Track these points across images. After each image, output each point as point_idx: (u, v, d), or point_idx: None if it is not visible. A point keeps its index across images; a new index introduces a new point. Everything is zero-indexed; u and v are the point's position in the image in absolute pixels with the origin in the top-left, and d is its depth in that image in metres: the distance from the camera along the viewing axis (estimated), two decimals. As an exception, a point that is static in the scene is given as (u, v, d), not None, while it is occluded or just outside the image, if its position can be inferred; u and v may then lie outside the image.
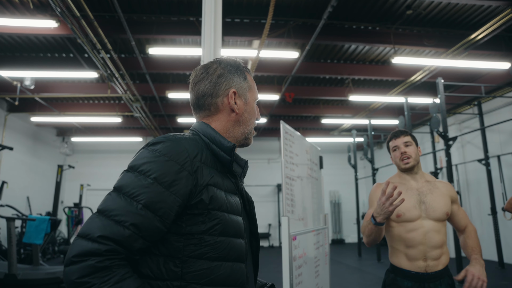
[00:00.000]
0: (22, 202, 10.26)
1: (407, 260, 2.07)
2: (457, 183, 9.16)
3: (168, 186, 0.90)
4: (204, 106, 1.13)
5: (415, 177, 2.20)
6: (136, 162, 0.93)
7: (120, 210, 0.86)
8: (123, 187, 0.89)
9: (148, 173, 0.90)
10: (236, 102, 1.13)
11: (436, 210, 2.07)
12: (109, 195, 0.90)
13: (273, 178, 13.77)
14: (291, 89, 8.79)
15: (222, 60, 1.18)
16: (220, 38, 2.68)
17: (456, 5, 5.77)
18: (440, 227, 2.08)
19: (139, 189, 0.88)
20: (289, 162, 2.66)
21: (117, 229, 0.84)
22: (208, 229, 0.95)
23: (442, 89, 6.34)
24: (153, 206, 0.88)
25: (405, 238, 2.08)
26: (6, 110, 9.68)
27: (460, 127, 9.72)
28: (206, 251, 0.94)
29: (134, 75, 8.24)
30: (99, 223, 0.85)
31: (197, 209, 0.94)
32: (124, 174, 0.93)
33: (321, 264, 3.25)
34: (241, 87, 1.15)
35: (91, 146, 13.13)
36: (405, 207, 2.09)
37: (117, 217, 0.85)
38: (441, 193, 2.12)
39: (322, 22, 5.52)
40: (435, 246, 2.03)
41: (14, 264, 5.14)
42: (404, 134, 2.22)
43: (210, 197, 0.96)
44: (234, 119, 1.14)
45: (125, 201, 0.87)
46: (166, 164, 0.92)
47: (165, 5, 5.80)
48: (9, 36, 6.47)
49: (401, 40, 6.56)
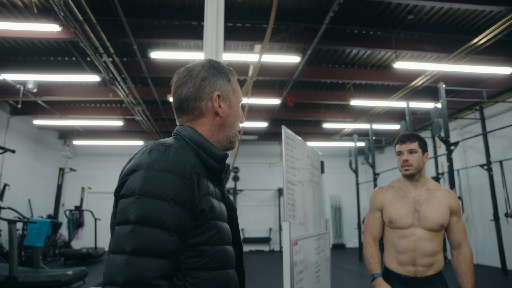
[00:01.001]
0: (24, 205, 10.27)
1: (398, 264, 2.10)
2: (459, 188, 9.13)
3: (184, 204, 0.89)
4: (187, 110, 1.09)
5: (416, 185, 2.19)
6: (146, 187, 0.86)
7: (156, 243, 0.83)
8: (146, 218, 0.84)
9: (164, 195, 0.86)
10: (220, 106, 1.10)
11: (429, 220, 2.06)
12: (133, 232, 0.83)
13: (274, 182, 13.76)
14: (292, 94, 8.80)
15: (206, 62, 1.14)
16: (222, 43, 2.69)
17: (458, 10, 5.78)
18: (433, 236, 2.07)
19: (163, 215, 0.85)
20: (290, 167, 2.66)
21: (163, 263, 0.83)
22: (208, 240, 0.94)
23: (443, 94, 6.34)
24: (180, 229, 0.87)
25: (396, 244, 2.12)
26: (9, 113, 9.72)
27: (462, 132, 9.71)
28: (207, 262, 0.93)
29: (136, 78, 8.27)
30: (143, 265, 0.81)
31: (198, 220, 0.93)
32: (136, 203, 0.85)
33: (322, 270, 3.24)
34: (225, 90, 1.11)
35: (92, 149, 13.15)
36: (397, 214, 2.12)
37: (157, 252, 0.83)
38: (438, 203, 2.10)
39: (323, 26, 5.54)
40: (426, 254, 2.04)
41: (15, 267, 5.15)
42: (411, 140, 2.20)
43: (210, 207, 0.96)
44: (218, 123, 1.10)
45: (155, 232, 0.83)
46: (177, 182, 0.89)
47: (167, 9, 5.83)
48: (13, 40, 6.51)
49: (403, 45, 6.57)
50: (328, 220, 3.63)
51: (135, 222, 0.83)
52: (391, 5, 5.69)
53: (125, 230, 0.84)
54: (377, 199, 2.26)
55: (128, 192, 0.88)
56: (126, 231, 0.83)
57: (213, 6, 2.75)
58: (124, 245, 0.82)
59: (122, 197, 0.89)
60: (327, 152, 13.35)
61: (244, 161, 13.34)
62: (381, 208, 2.23)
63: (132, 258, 0.80)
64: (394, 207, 2.15)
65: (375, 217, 2.26)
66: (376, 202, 2.26)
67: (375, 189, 2.35)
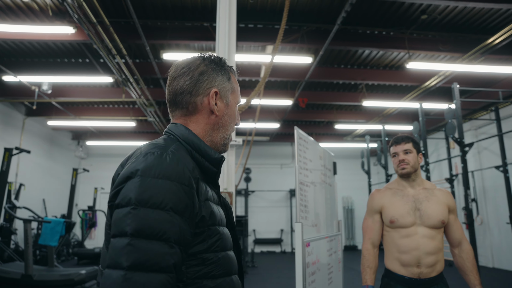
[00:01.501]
0: (38, 205, 10.44)
1: (401, 266, 2.09)
2: (473, 190, 8.98)
3: (183, 212, 0.83)
4: (181, 103, 1.02)
5: (413, 184, 2.22)
6: (142, 196, 0.80)
7: (155, 257, 0.77)
8: (143, 230, 0.78)
9: (162, 204, 0.80)
10: (216, 103, 1.03)
11: (431, 217, 2.08)
12: (129, 246, 0.77)
13: (285, 183, 13.72)
14: (304, 95, 8.78)
15: (206, 57, 1.07)
16: (234, 44, 2.69)
17: (473, 9, 5.69)
18: (435, 234, 2.08)
19: (161, 226, 0.79)
20: (303, 168, 2.64)
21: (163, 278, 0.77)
22: (209, 247, 0.89)
23: (457, 95, 6.24)
24: (180, 240, 0.82)
25: (398, 244, 2.11)
26: (24, 114, 9.90)
27: (476, 133, 9.55)
28: (210, 270, 0.88)
29: (148, 80, 8.34)
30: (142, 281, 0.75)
31: (198, 227, 0.88)
32: (132, 214, 0.79)
33: (334, 271, 3.22)
34: (224, 88, 1.05)
35: (105, 150, 13.30)
36: (398, 213, 2.12)
37: (157, 266, 0.77)
38: (438, 201, 2.13)
39: (335, 27, 5.51)
40: (429, 252, 2.04)
41: (30, 265, 5.24)
42: (405, 141, 2.24)
43: (210, 213, 0.91)
44: (213, 122, 1.03)
45: (153, 244, 0.78)
46: (176, 189, 0.83)
47: (179, 11, 5.87)
48: (28, 43, 6.62)
49: (416, 45, 6.49)
50: (340, 222, 3.60)
51: (132, 235, 0.77)
52: (404, 5, 5.63)
53: (121, 243, 0.78)
54: (375, 201, 2.26)
55: (124, 201, 0.81)
56: (122, 244, 0.77)
57: (225, 7, 2.75)
58: (120, 259, 0.76)
59: (117, 207, 0.83)
60: (339, 153, 13.26)
61: (256, 162, 13.34)
62: (380, 210, 2.23)
63: (129, 273, 0.75)
64: (394, 207, 2.16)
65: (374, 220, 2.25)
66: (375, 204, 2.26)
67: (372, 192, 2.35)
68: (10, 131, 9.37)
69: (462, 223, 8.98)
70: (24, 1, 5.40)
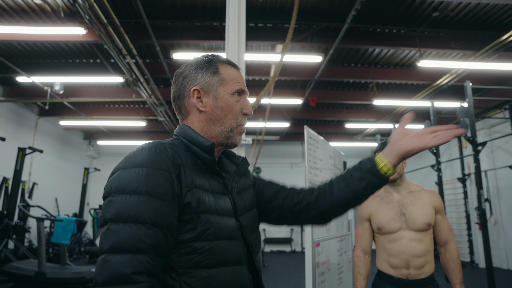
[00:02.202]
0: (51, 203, 10.59)
1: (390, 267, 2.18)
2: (487, 190, 8.84)
3: (162, 196, 0.85)
4: (177, 109, 1.10)
5: (398, 189, 2.29)
6: (120, 184, 0.86)
7: (131, 238, 0.80)
8: (120, 214, 0.82)
9: (138, 189, 0.84)
10: (202, 100, 1.05)
11: (416, 221, 2.15)
12: (108, 230, 0.82)
13: (295, 183, 13.00)
14: (314, 94, 8.74)
15: (191, 61, 1.11)
16: (244, 43, 2.69)
17: (487, 5, 5.59)
18: (422, 236, 2.15)
19: (137, 209, 0.82)
20: (313, 167, 2.63)
21: (142, 258, 0.79)
22: (200, 235, 0.89)
23: (470, 93, 6.14)
24: (159, 221, 0.83)
25: (387, 248, 2.20)
26: (37, 114, 10.06)
27: (489, 131, 9.40)
28: (202, 259, 0.88)
29: (159, 79, 8.39)
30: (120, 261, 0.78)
31: (186, 214, 0.88)
32: (111, 201, 0.85)
33: (345, 271, 3.20)
34: (208, 83, 1.05)
35: (116, 149, 13.42)
36: (385, 220, 2.21)
37: (133, 247, 0.79)
38: (423, 204, 2.19)
39: (345, 25, 5.46)
40: (417, 255, 2.11)
41: (43, 263, 5.32)
42: None
43: (197, 200, 0.90)
44: (204, 118, 1.05)
45: (130, 227, 0.81)
46: (152, 174, 0.86)
47: (189, 11, 5.89)
48: (41, 44, 6.72)
49: (427, 43, 6.41)
50: (351, 222, 3.58)
51: (111, 220, 0.82)
52: (415, 2, 5.56)
53: (103, 229, 0.83)
54: (363, 210, 2.35)
55: (106, 193, 0.88)
56: (103, 230, 0.83)
57: (234, 6, 2.75)
58: (102, 244, 0.81)
59: (103, 199, 0.89)
60: (349, 152, 13.17)
61: (266, 161, 13.33)
62: (369, 218, 2.32)
63: (108, 256, 0.79)
64: (380, 214, 2.24)
65: (364, 228, 2.34)
66: (363, 213, 2.35)
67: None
68: (24, 131, 9.52)
69: (475, 223, 8.85)
70: (37, 3, 5.47)
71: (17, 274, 5.34)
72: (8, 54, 7.10)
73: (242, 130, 1.09)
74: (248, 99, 1.12)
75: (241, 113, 1.08)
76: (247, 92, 1.12)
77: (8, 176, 7.95)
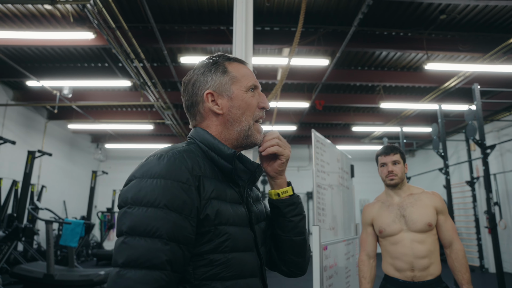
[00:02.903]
0: (59, 206, 10.69)
1: (395, 270, 2.20)
2: (496, 193, 8.75)
3: (181, 209, 0.83)
4: (192, 116, 1.07)
5: (399, 192, 2.33)
6: (137, 195, 0.83)
7: (146, 253, 0.78)
8: (136, 227, 0.80)
9: (156, 202, 0.81)
10: (217, 103, 1.01)
11: (416, 222, 2.17)
12: (123, 244, 0.79)
13: (302, 186, 13.64)
14: (321, 97, 8.73)
15: (200, 64, 1.07)
16: (251, 47, 2.70)
17: (495, 7, 5.56)
18: (425, 237, 2.16)
19: (154, 223, 0.80)
20: (320, 170, 2.63)
21: (157, 275, 0.77)
22: (217, 247, 0.87)
23: (478, 95, 6.10)
24: (176, 236, 0.81)
25: (390, 251, 2.22)
26: (46, 118, 10.17)
27: (498, 134, 9.31)
28: (218, 271, 0.86)
29: (166, 83, 8.44)
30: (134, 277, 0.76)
31: (204, 226, 0.86)
32: (127, 213, 0.82)
33: (352, 275, 3.18)
34: (220, 84, 1.02)
35: (123, 153, 13.51)
36: (385, 223, 2.25)
37: (148, 263, 0.77)
38: (423, 205, 2.22)
39: (352, 29, 5.46)
40: (420, 256, 2.12)
41: (51, 265, 5.36)
42: (394, 152, 2.35)
43: (216, 211, 0.88)
44: (222, 121, 1.02)
45: (146, 241, 0.78)
46: (171, 186, 0.83)
47: (196, 15, 5.93)
48: (51, 49, 6.81)
49: (434, 46, 6.38)
50: (358, 225, 3.56)
51: (126, 232, 0.80)
52: (422, 5, 5.54)
53: (118, 241, 0.81)
54: (366, 215, 2.39)
55: (122, 202, 0.85)
56: (118, 243, 0.81)
57: (242, 11, 2.77)
58: (116, 257, 0.79)
59: (118, 208, 0.86)
60: (356, 156, 13.11)
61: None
62: (371, 222, 2.35)
63: (122, 270, 0.77)
64: (381, 218, 2.28)
65: (368, 233, 2.37)
66: (366, 218, 2.39)
67: (364, 207, 2.49)
68: (33, 134, 9.63)
69: (484, 227, 8.76)
70: (47, 9, 5.55)
71: (26, 276, 5.40)
72: (18, 59, 7.21)
73: (259, 128, 1.05)
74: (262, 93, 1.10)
75: (258, 107, 1.05)
76: (260, 86, 1.09)
77: (17, 179, 8.04)
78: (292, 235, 1.10)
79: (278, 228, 1.11)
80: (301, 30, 3.45)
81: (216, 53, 1.12)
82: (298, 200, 1.12)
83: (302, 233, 1.12)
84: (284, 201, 1.09)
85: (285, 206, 1.09)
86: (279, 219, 1.10)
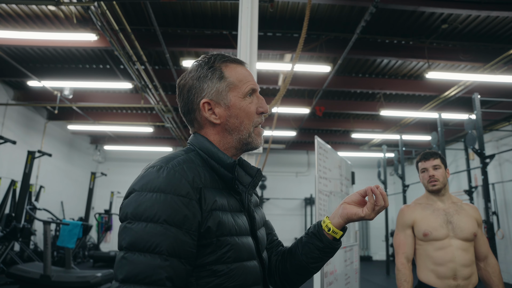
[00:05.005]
0: (57, 207, 10.64)
1: (436, 278, 2.10)
2: (494, 203, 8.76)
3: (181, 224, 0.81)
4: (189, 123, 1.04)
5: (442, 199, 2.26)
6: (137, 210, 0.81)
7: (146, 270, 0.77)
8: (136, 243, 0.79)
9: (155, 217, 0.80)
10: (214, 112, 0.98)
11: (463, 230, 2.12)
12: (123, 259, 0.79)
13: (300, 192, 13.65)
14: (321, 103, 8.75)
15: (194, 65, 1.02)
16: (256, 52, 2.71)
17: (496, 18, 5.60)
18: (468, 246, 2.12)
19: (154, 239, 0.78)
20: (322, 177, 2.64)
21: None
22: (219, 258, 0.86)
23: (478, 105, 6.12)
24: (176, 251, 0.80)
25: (433, 256, 2.13)
26: (46, 118, 10.15)
27: (497, 144, 9.34)
28: (221, 282, 0.86)
29: (167, 86, 8.45)
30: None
31: (205, 238, 0.85)
32: (127, 228, 0.81)
33: (351, 282, 3.18)
34: (216, 92, 0.97)
35: (122, 155, 13.49)
36: (432, 226, 2.16)
37: (148, 279, 0.76)
38: (467, 214, 2.19)
39: (355, 36, 5.49)
40: (464, 264, 2.07)
41: (48, 266, 5.33)
42: (434, 157, 2.29)
43: (217, 223, 0.87)
44: (220, 130, 0.99)
45: (145, 257, 0.78)
46: (171, 201, 0.82)
47: (199, 19, 5.95)
48: (53, 49, 6.82)
49: (436, 55, 6.42)
50: (357, 232, 3.56)
51: (126, 248, 0.79)
52: (424, 14, 5.58)
53: (118, 256, 0.80)
54: (406, 216, 2.29)
55: (122, 216, 0.84)
56: (118, 258, 0.80)
57: (247, 16, 2.78)
58: (116, 272, 0.79)
59: (120, 221, 0.86)
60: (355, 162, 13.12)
61: (271, 170, 13.32)
62: (412, 224, 2.25)
63: (122, 286, 0.77)
64: (426, 220, 2.19)
65: (407, 235, 2.26)
66: (406, 219, 2.28)
67: (402, 208, 2.36)
68: (32, 134, 9.61)
69: (481, 236, 8.75)
70: (51, 10, 5.57)
71: (22, 277, 5.37)
72: (20, 59, 7.21)
73: (260, 131, 1.03)
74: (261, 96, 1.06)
75: (257, 112, 1.01)
76: (259, 88, 1.04)
77: (15, 179, 8.02)
78: (312, 263, 1.09)
79: (303, 253, 1.09)
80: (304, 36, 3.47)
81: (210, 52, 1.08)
82: (340, 246, 1.11)
83: (320, 267, 1.12)
84: (335, 244, 1.08)
85: (331, 246, 1.08)
86: (313, 248, 1.08)
